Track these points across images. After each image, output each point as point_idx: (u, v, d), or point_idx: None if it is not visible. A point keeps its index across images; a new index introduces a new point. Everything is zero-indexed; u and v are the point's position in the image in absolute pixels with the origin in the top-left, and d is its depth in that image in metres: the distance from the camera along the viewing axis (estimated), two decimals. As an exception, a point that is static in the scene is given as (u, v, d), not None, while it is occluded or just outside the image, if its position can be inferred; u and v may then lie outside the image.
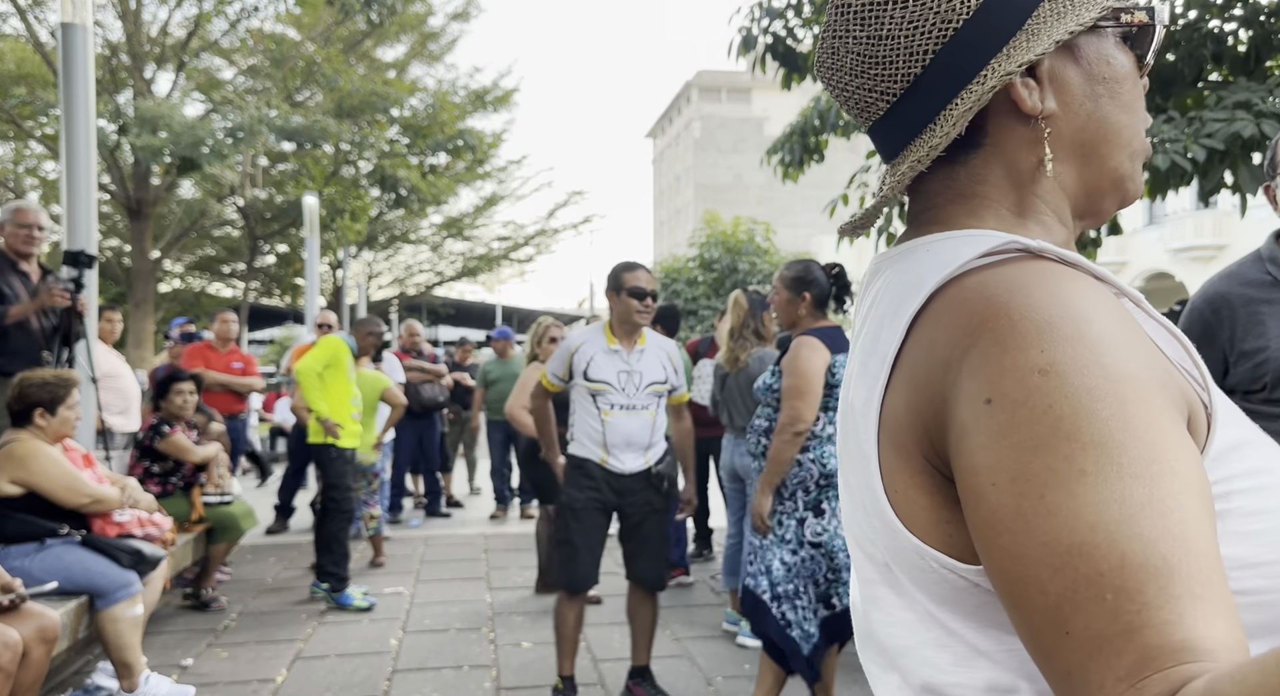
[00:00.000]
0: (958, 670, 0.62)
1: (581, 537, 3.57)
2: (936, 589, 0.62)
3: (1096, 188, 0.70)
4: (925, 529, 0.61)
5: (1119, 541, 0.49)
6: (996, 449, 0.53)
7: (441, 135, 15.87)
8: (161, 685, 3.62)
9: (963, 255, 0.62)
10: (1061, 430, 0.52)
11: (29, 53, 12.86)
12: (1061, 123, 0.67)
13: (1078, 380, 0.53)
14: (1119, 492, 0.50)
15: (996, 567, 0.53)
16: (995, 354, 0.55)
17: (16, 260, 4.23)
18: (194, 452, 4.89)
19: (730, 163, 53.78)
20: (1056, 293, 0.57)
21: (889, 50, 0.68)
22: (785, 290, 3.28)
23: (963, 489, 0.56)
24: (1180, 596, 0.48)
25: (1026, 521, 0.52)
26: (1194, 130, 4.02)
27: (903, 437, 0.62)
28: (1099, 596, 0.49)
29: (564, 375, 3.62)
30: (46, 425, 3.64)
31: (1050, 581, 0.50)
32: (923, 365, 0.60)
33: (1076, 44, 0.67)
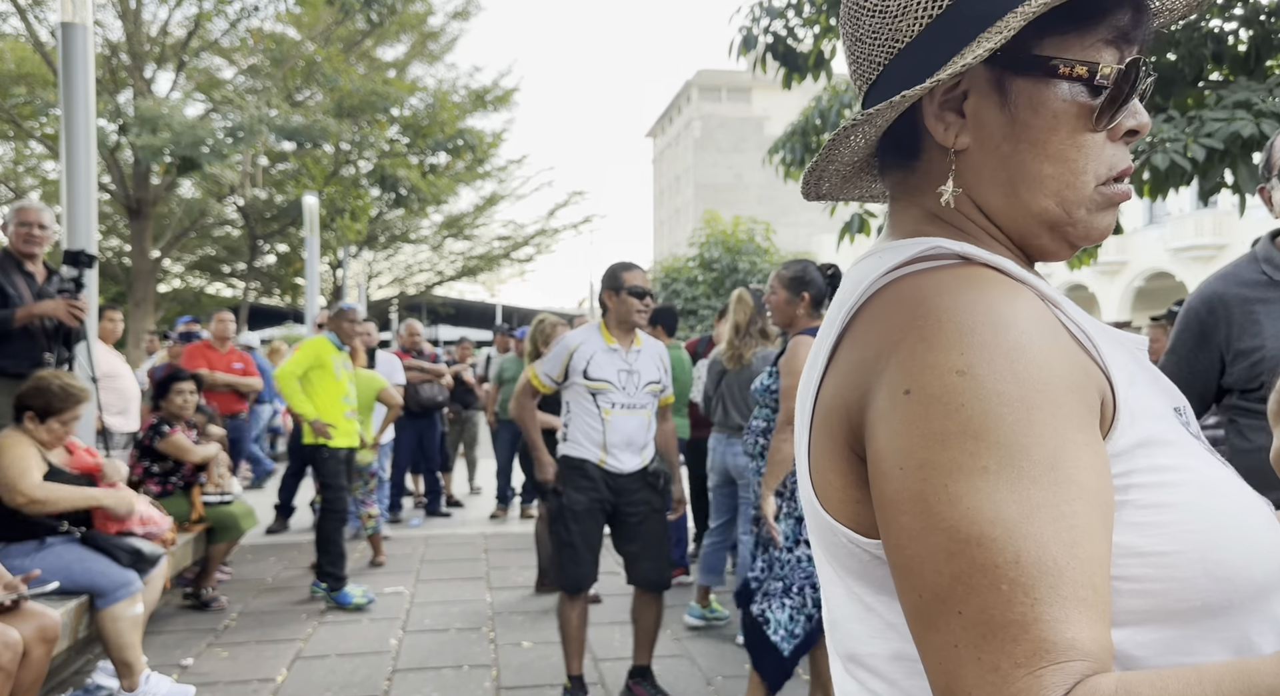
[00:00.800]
0: (873, 640, 0.68)
1: (581, 538, 3.56)
2: (849, 562, 0.68)
3: (1025, 225, 0.72)
4: (837, 507, 0.67)
5: (1015, 538, 0.54)
6: (908, 436, 0.58)
7: (441, 135, 15.88)
8: (162, 684, 3.62)
9: (899, 259, 0.68)
10: (970, 428, 0.57)
11: (29, 52, 12.87)
12: (977, 158, 0.71)
13: (990, 384, 0.57)
14: (1018, 493, 0.55)
15: (894, 543, 0.59)
16: (920, 351, 0.60)
17: (22, 260, 4.23)
18: (194, 452, 4.89)
19: (730, 162, 53.78)
20: (981, 298, 0.61)
21: (860, 53, 0.76)
22: (783, 290, 3.29)
23: (872, 469, 0.61)
24: (1067, 598, 0.54)
25: (928, 505, 0.56)
26: (1194, 130, 4.02)
27: (830, 422, 0.67)
28: (994, 585, 0.54)
29: (559, 376, 3.58)
30: (34, 429, 3.64)
31: (946, 563, 0.55)
32: (855, 355, 0.65)
33: (1008, 87, 0.69)
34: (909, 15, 0.70)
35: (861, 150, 0.76)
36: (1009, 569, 0.54)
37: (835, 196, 0.86)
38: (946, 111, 0.72)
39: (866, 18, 0.73)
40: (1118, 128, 0.71)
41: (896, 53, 0.72)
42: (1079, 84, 0.69)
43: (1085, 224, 0.72)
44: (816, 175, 0.81)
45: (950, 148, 0.72)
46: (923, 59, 0.70)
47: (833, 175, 0.81)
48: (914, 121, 0.73)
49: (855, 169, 0.82)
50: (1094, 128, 0.70)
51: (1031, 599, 0.53)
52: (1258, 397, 1.90)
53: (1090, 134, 0.70)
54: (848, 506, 0.66)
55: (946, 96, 0.71)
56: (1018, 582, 0.53)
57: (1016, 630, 0.53)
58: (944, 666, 0.56)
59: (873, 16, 0.73)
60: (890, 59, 0.73)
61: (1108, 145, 0.71)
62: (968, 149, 0.72)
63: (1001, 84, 0.70)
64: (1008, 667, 0.53)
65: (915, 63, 0.71)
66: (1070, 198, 0.71)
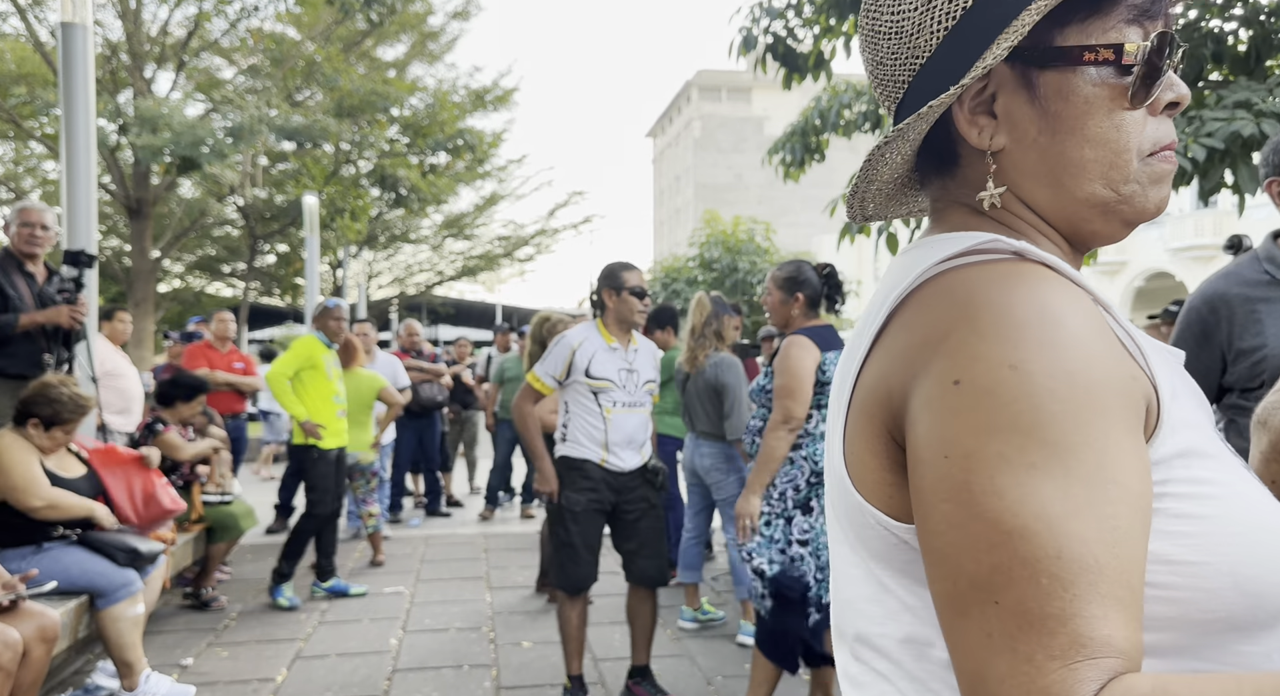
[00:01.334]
0: (886, 622, 0.69)
1: (581, 538, 3.57)
2: (875, 544, 0.69)
3: (1075, 213, 0.73)
4: (870, 488, 0.68)
5: (1058, 534, 0.55)
6: (955, 425, 0.59)
7: (441, 134, 15.87)
8: (162, 684, 3.63)
9: (954, 249, 0.68)
10: (1020, 423, 0.57)
11: (29, 52, 12.86)
12: (1017, 155, 0.72)
13: (1042, 381, 0.58)
14: (1063, 491, 0.56)
15: (933, 529, 0.59)
16: (972, 342, 0.60)
17: (23, 260, 4.23)
18: (184, 450, 4.87)
19: (730, 162, 53.77)
20: (1034, 294, 0.61)
21: (883, 75, 0.78)
22: (778, 291, 3.29)
23: (914, 455, 0.62)
24: (1106, 596, 0.54)
25: (972, 495, 0.57)
26: (1194, 130, 4.02)
27: (869, 405, 0.68)
28: (1034, 578, 0.54)
29: (561, 376, 3.57)
30: (35, 435, 3.65)
31: (987, 553, 0.56)
32: (902, 341, 0.66)
33: (1035, 81, 0.70)
34: (924, 32, 0.72)
35: (900, 167, 0.77)
36: (1050, 563, 0.54)
37: (882, 216, 0.87)
38: (978, 115, 0.73)
39: (884, 41, 0.75)
40: (1156, 102, 0.71)
41: (919, 69, 0.74)
42: (1106, 67, 0.69)
43: (1139, 199, 0.72)
44: (859, 198, 0.82)
45: (987, 149, 0.73)
46: (945, 70, 0.72)
47: (876, 195, 0.82)
48: (948, 130, 0.74)
49: (898, 186, 0.84)
50: (1130, 106, 0.70)
51: (1071, 594, 0.54)
52: (1258, 397, 1.90)
53: (1127, 112, 0.70)
54: (881, 489, 0.67)
55: (976, 100, 0.72)
56: (1058, 577, 0.54)
57: (1054, 623, 0.53)
58: (975, 654, 0.56)
59: (889, 39, 0.75)
60: (913, 76, 0.75)
61: (1149, 121, 0.71)
62: (1005, 148, 0.72)
63: (1028, 79, 0.71)
64: (1042, 659, 0.53)
65: (939, 75, 0.72)
66: (1116, 177, 0.71)
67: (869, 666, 0.71)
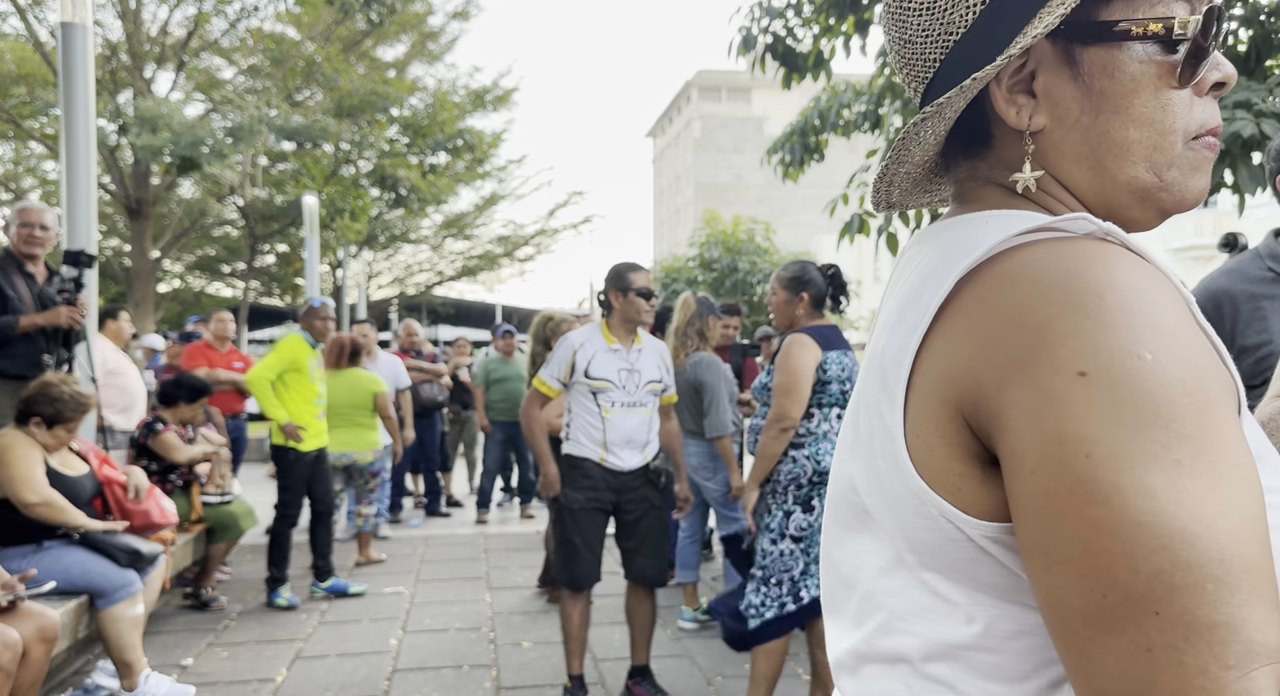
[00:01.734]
0: (915, 618, 0.65)
1: (581, 537, 3.57)
2: (924, 536, 0.63)
3: (1114, 198, 0.69)
4: (934, 476, 0.62)
5: (1218, 535, 0.51)
6: (1092, 422, 0.53)
7: (441, 135, 15.87)
8: (161, 684, 3.63)
9: (1024, 225, 0.62)
10: (1160, 417, 0.53)
11: (29, 52, 12.86)
12: (1057, 136, 0.69)
13: (1174, 371, 0.54)
14: (1210, 488, 0.52)
15: (1072, 536, 0.53)
16: (1090, 329, 0.55)
17: (23, 260, 4.24)
18: (181, 452, 4.87)
19: (730, 162, 53.77)
20: (1137, 278, 0.57)
21: (911, 54, 0.74)
22: (783, 291, 3.31)
23: (1033, 452, 0.55)
24: (1268, 598, 0.51)
25: (1124, 497, 0.52)
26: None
27: (941, 388, 0.62)
28: (1199, 584, 0.50)
29: (565, 377, 3.59)
30: (38, 433, 3.65)
31: (1145, 560, 0.51)
32: (984, 323, 0.60)
33: (1078, 58, 0.67)
34: (959, 6, 0.69)
35: (932, 148, 0.73)
36: (1214, 567, 0.50)
37: (906, 204, 0.83)
38: (1017, 93, 0.69)
39: (914, 17, 0.72)
40: (1203, 82, 0.68)
41: (952, 46, 0.70)
42: (1154, 43, 0.66)
43: (1179, 187, 0.69)
44: (887, 182, 0.78)
45: (1025, 130, 0.69)
46: (982, 46, 0.68)
47: (903, 180, 0.78)
48: (982, 110, 0.71)
49: (925, 172, 0.80)
50: (1178, 85, 0.67)
51: (1238, 599, 0.50)
52: (1260, 394, 1.90)
53: (1175, 91, 0.67)
54: (948, 478, 0.61)
55: (1015, 78, 0.69)
56: (1224, 582, 0.50)
57: (1224, 632, 0.49)
58: (1130, 673, 0.51)
59: (920, 15, 0.71)
60: (946, 53, 0.71)
61: (1195, 101, 0.68)
62: (1044, 129, 0.69)
63: (1071, 55, 0.67)
64: (1217, 670, 0.49)
65: (975, 51, 0.69)
66: (1160, 160, 0.67)
67: (908, 682, 0.66)
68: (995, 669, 0.62)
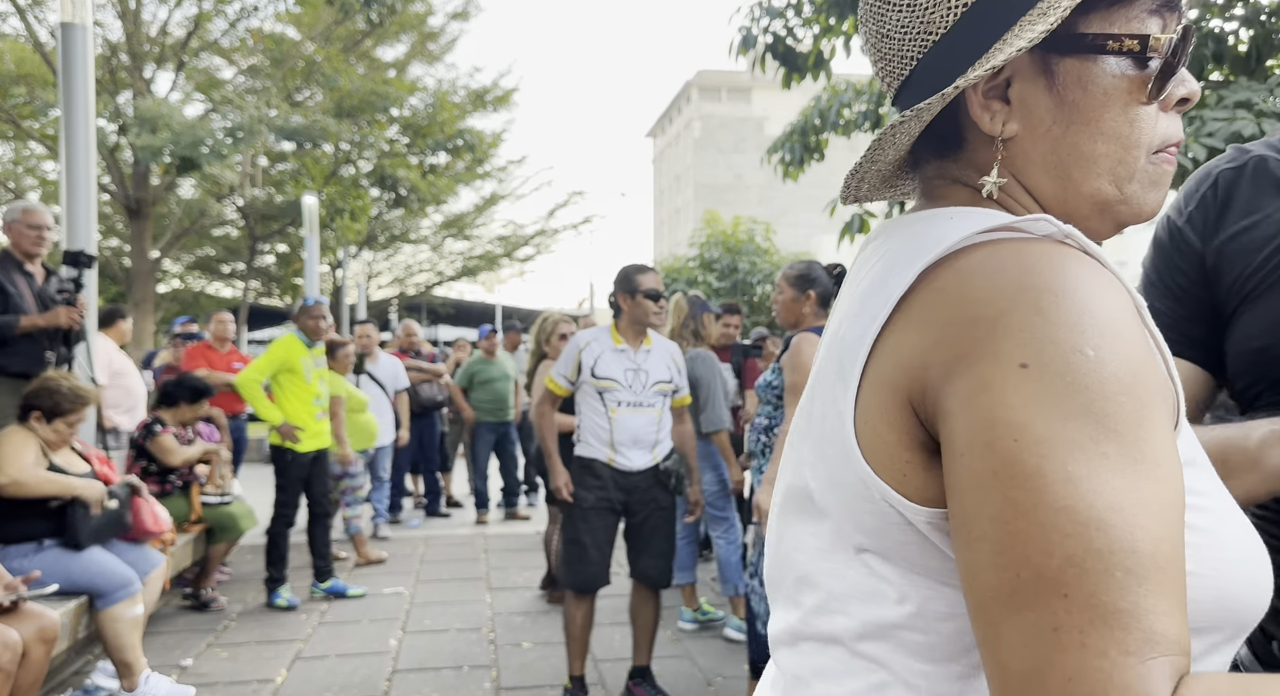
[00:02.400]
0: (850, 599, 0.67)
1: (590, 537, 3.58)
2: (867, 519, 0.65)
3: (1076, 208, 0.71)
4: (881, 463, 0.63)
5: (1134, 528, 0.53)
6: (1026, 409, 0.55)
7: (441, 135, 15.86)
8: (161, 685, 3.62)
9: (986, 223, 0.64)
10: (1093, 411, 0.55)
11: (29, 52, 12.85)
12: (1028, 144, 0.70)
13: (1114, 370, 0.56)
14: (1133, 484, 0.54)
15: (993, 516, 0.55)
16: (1037, 323, 0.57)
17: (23, 260, 4.25)
18: (176, 455, 4.85)
19: (730, 162, 53.77)
20: (1092, 282, 0.59)
21: (889, 49, 0.74)
22: (790, 289, 3.31)
23: (966, 437, 0.57)
24: (1172, 594, 0.53)
25: (1046, 482, 0.54)
26: (1195, 129, 4.02)
27: (893, 376, 0.63)
28: (1109, 571, 0.52)
29: (572, 375, 3.61)
30: (39, 428, 3.65)
31: (1059, 543, 0.53)
32: (940, 314, 0.61)
33: (1054, 68, 0.68)
34: (941, 6, 0.69)
35: (904, 147, 0.74)
36: (1125, 556, 0.52)
37: (874, 197, 0.85)
38: (992, 100, 0.70)
39: (893, 13, 0.72)
40: (1169, 98, 0.70)
41: (931, 46, 0.71)
42: (1127, 58, 0.68)
43: (1138, 200, 0.71)
44: (858, 178, 0.79)
45: (998, 136, 0.70)
46: (962, 49, 0.69)
47: (873, 177, 0.80)
48: (955, 113, 0.72)
49: (894, 168, 0.81)
50: (1146, 100, 0.69)
51: (1145, 590, 0.52)
52: None
53: (1143, 107, 0.69)
54: (894, 465, 0.63)
55: (990, 85, 0.70)
56: (1133, 572, 0.52)
57: (1128, 619, 0.51)
58: (1033, 650, 0.53)
59: (900, 11, 0.71)
60: (924, 53, 0.72)
61: (1160, 116, 0.70)
62: (1016, 136, 0.70)
63: (1047, 66, 0.68)
64: (1116, 655, 0.51)
65: (954, 53, 0.69)
66: (1123, 173, 0.69)
67: (841, 660, 0.68)
68: (925, 649, 0.64)
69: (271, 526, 5.20)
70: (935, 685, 0.63)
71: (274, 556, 5.17)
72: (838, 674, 0.68)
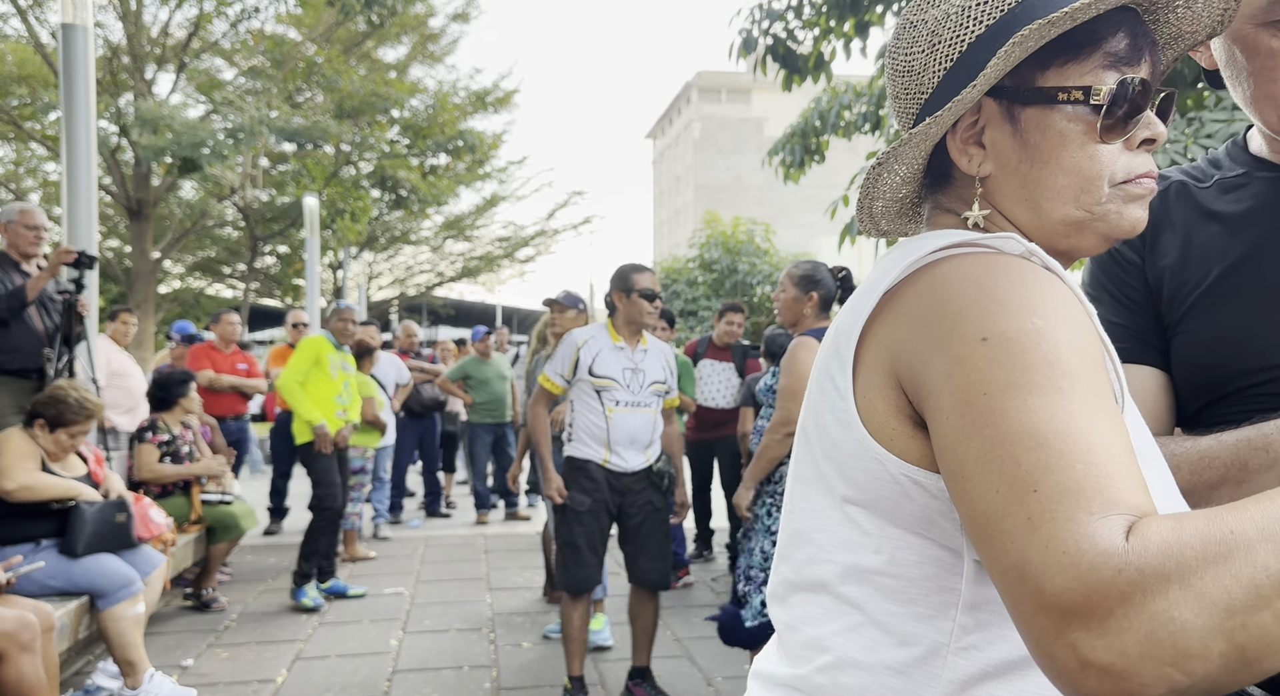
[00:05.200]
0: (836, 549, 0.79)
1: (585, 539, 3.57)
2: (859, 476, 0.77)
3: (1051, 231, 0.82)
4: (874, 428, 0.75)
5: (1089, 436, 0.61)
6: (992, 369, 0.66)
7: (442, 136, 15.87)
8: (165, 684, 3.63)
9: (960, 238, 0.77)
10: (1047, 360, 0.65)
11: (30, 54, 12.87)
12: (1001, 181, 0.83)
13: (1063, 333, 0.67)
14: (1087, 409, 0.63)
15: (976, 456, 0.64)
16: (993, 309, 0.68)
17: (20, 260, 4.28)
18: (148, 470, 4.82)
19: (730, 163, 53.77)
20: (1044, 285, 0.71)
21: (900, 107, 0.89)
22: (793, 288, 3.30)
23: (948, 402, 0.67)
24: (1131, 478, 0.60)
25: (1010, 415, 0.63)
26: (1193, 130, 4.03)
27: (883, 360, 0.75)
28: (1070, 465, 0.60)
29: (569, 374, 3.59)
30: (40, 435, 3.65)
31: (1026, 455, 0.61)
32: (918, 309, 0.73)
33: (1017, 116, 0.81)
34: (928, 72, 0.84)
35: (904, 186, 0.88)
36: (1084, 453, 0.60)
37: (895, 232, 0.98)
38: (969, 145, 0.83)
39: (900, 78, 0.87)
40: (1132, 139, 0.80)
41: (922, 104, 0.85)
42: (1079, 105, 0.79)
43: (1115, 216, 0.81)
44: (865, 212, 0.93)
45: (975, 175, 0.83)
46: (938, 106, 0.82)
47: (885, 212, 0.93)
48: (945, 156, 0.85)
49: (906, 206, 0.94)
50: (1101, 140, 0.79)
51: (1106, 474, 0.59)
52: None
53: (1100, 145, 0.79)
54: (884, 429, 0.74)
55: (969, 132, 0.83)
56: (1093, 463, 0.60)
57: (1091, 492, 0.58)
58: (1017, 541, 0.59)
59: (903, 76, 0.86)
60: (919, 109, 0.86)
61: (1124, 154, 0.80)
62: (991, 174, 0.83)
63: (1012, 115, 0.81)
64: (1082, 516, 0.57)
65: (934, 111, 0.83)
66: (1088, 200, 0.80)
67: (825, 605, 0.80)
68: (896, 592, 0.75)
69: (315, 519, 5.17)
70: (902, 623, 0.75)
71: (309, 550, 5.14)
72: (821, 617, 0.80)
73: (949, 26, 0.82)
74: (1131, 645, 0.54)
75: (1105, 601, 0.55)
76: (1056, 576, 0.56)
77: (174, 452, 4.98)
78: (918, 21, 0.85)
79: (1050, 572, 0.57)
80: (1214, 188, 1.06)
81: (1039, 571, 0.57)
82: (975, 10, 0.81)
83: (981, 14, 0.81)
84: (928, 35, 0.84)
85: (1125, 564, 0.55)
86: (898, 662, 0.75)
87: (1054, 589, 0.56)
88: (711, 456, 6.13)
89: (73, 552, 3.57)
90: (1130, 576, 0.54)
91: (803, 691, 0.80)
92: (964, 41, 0.81)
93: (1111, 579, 0.55)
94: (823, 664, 0.79)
